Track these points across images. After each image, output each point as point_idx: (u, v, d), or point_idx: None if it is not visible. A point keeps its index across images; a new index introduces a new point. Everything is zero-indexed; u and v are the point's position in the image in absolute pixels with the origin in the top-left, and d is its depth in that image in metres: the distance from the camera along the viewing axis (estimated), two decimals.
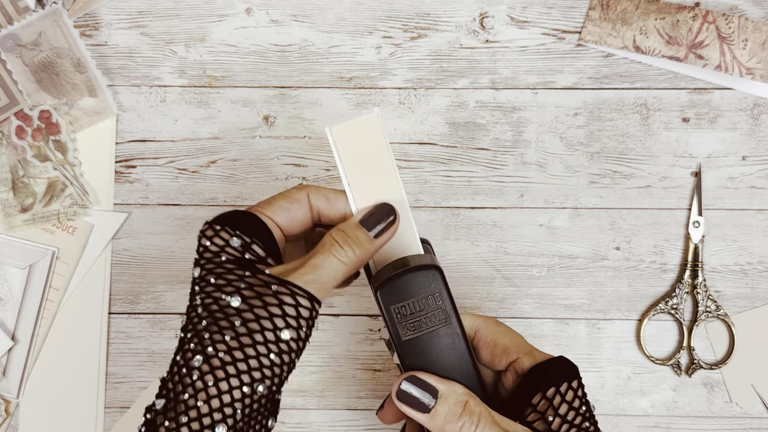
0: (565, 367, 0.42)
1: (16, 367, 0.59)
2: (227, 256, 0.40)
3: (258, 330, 0.38)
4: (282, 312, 0.38)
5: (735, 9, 0.59)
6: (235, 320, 0.38)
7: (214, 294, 0.39)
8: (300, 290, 0.39)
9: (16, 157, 0.59)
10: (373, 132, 0.43)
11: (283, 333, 0.38)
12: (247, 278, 0.39)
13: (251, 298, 0.38)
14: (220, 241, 0.41)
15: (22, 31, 0.58)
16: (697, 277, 0.59)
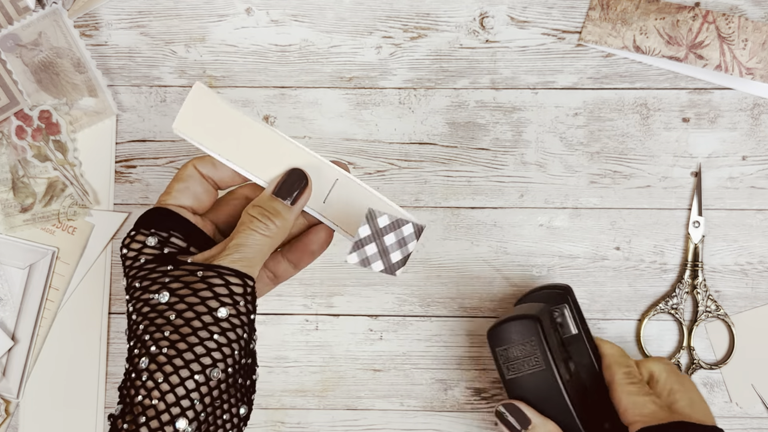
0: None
1: (16, 367, 0.59)
2: (146, 257, 0.40)
3: (194, 317, 0.38)
4: (213, 293, 0.38)
5: (735, 9, 0.59)
6: (170, 314, 0.38)
7: (143, 297, 0.39)
8: (226, 269, 0.39)
9: (16, 157, 0.59)
10: (211, 102, 0.42)
11: (220, 311, 0.38)
12: (171, 272, 0.39)
13: (179, 290, 0.38)
14: (136, 245, 0.41)
15: (22, 31, 0.58)
16: (697, 277, 0.59)
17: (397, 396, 0.60)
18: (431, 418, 0.60)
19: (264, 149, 0.42)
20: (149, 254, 0.41)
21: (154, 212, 0.42)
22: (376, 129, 0.60)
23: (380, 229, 0.42)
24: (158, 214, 0.42)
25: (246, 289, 0.39)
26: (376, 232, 0.42)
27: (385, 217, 0.42)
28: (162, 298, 0.38)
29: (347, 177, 0.43)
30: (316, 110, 0.60)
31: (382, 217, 0.42)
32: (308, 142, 0.60)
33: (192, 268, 0.39)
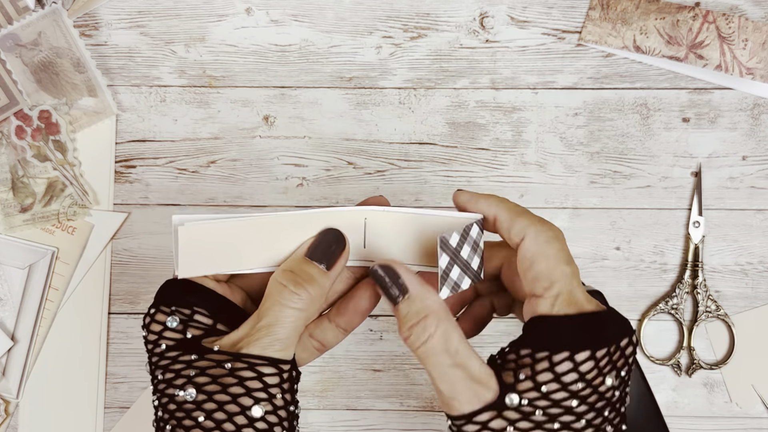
0: (587, 329, 0.34)
1: (16, 367, 0.59)
2: (166, 343, 0.36)
3: (225, 419, 0.34)
4: (245, 389, 0.34)
5: (735, 9, 0.59)
6: (198, 415, 0.34)
7: (168, 391, 0.35)
8: (257, 359, 0.34)
9: (15, 157, 0.59)
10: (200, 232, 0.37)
11: (254, 410, 0.34)
12: (195, 363, 0.35)
13: (206, 385, 0.34)
14: (156, 327, 0.36)
15: (22, 30, 0.58)
16: (697, 277, 0.59)
17: (397, 396, 0.60)
18: (431, 418, 0.60)
19: (277, 236, 0.37)
20: (171, 339, 0.36)
21: (173, 285, 0.37)
22: (376, 129, 0.60)
23: (455, 249, 0.37)
24: (178, 287, 0.37)
25: (282, 376, 0.35)
26: (453, 253, 0.37)
27: (454, 234, 0.37)
28: (188, 396, 0.34)
29: (374, 211, 0.38)
30: (316, 110, 0.60)
31: (452, 236, 0.37)
32: (308, 141, 0.60)
33: (219, 359, 0.34)
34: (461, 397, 0.34)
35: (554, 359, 0.34)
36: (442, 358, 0.34)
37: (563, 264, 0.36)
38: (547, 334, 0.34)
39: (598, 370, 0.34)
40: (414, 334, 0.35)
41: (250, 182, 0.60)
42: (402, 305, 0.36)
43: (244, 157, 0.60)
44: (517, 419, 0.34)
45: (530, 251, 0.36)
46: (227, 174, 0.60)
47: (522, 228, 0.37)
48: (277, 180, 0.60)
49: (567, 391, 0.34)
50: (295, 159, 0.60)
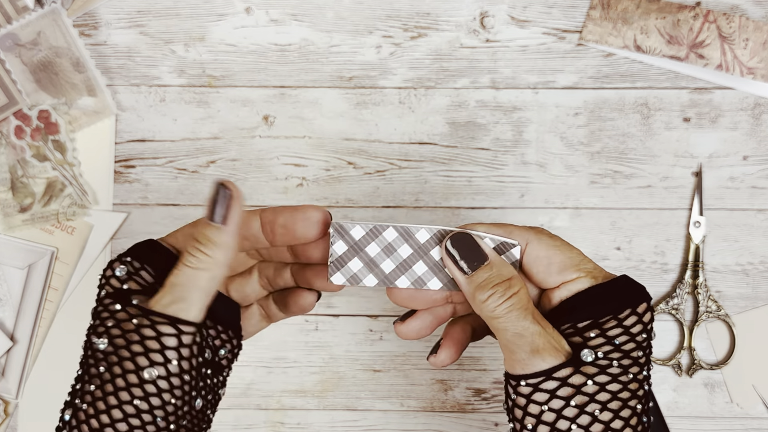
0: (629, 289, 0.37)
1: (16, 368, 0.59)
2: (107, 289, 0.36)
3: (120, 374, 0.34)
4: (143, 348, 0.34)
5: (736, 8, 0.58)
6: (101, 365, 0.34)
7: (91, 337, 0.36)
8: (160, 317, 0.34)
9: (15, 156, 0.59)
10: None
11: (147, 372, 0.34)
12: (117, 314, 0.35)
13: (117, 337, 0.35)
14: (108, 272, 0.37)
15: (21, 30, 0.58)
16: (698, 278, 0.58)
17: (397, 396, 0.60)
18: (431, 418, 0.60)
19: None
20: (111, 287, 0.36)
21: (144, 242, 0.38)
22: (376, 129, 0.60)
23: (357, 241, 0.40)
24: (147, 245, 0.38)
25: (180, 340, 0.35)
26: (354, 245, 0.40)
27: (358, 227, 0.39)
28: (101, 345, 0.35)
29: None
30: (316, 110, 0.60)
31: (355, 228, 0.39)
32: (308, 141, 0.60)
33: (133, 312, 0.35)
34: (543, 352, 0.36)
35: (620, 316, 0.36)
36: (525, 313, 0.36)
37: (572, 250, 0.39)
38: (604, 300, 0.37)
39: (651, 321, 0.37)
40: (498, 292, 0.36)
41: (250, 182, 0.60)
42: (481, 272, 0.37)
43: (244, 157, 0.60)
44: (595, 373, 0.36)
45: (542, 251, 0.39)
46: (227, 174, 0.60)
47: (520, 237, 0.39)
48: (277, 180, 0.60)
49: (635, 342, 0.36)
50: (294, 159, 0.60)
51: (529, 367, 0.36)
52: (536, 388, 0.36)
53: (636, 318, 0.37)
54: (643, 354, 0.37)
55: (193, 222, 0.40)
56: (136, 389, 0.34)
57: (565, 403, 0.35)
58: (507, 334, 0.36)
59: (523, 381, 0.36)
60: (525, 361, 0.36)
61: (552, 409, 0.35)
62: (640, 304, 0.37)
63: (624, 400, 0.36)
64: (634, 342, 0.37)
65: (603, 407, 0.35)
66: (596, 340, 0.36)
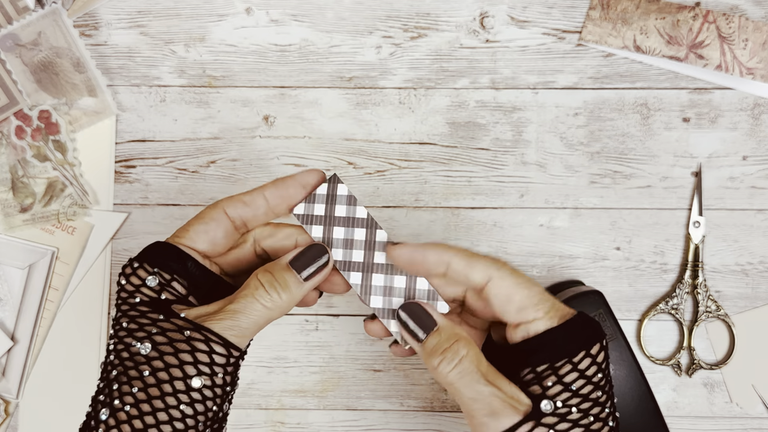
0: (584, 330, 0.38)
1: (16, 368, 0.59)
2: (141, 297, 0.38)
3: (167, 380, 0.36)
4: (194, 359, 0.36)
5: (735, 9, 0.59)
6: (144, 369, 0.36)
7: (126, 339, 0.37)
8: (215, 336, 0.37)
9: (15, 157, 0.59)
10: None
11: (194, 381, 0.36)
12: (161, 322, 0.37)
13: (162, 344, 0.36)
14: (136, 281, 0.38)
15: (22, 30, 0.58)
16: (698, 277, 0.58)
17: (397, 396, 0.60)
18: (431, 418, 0.60)
19: None
20: (146, 295, 0.38)
21: (163, 248, 0.39)
22: (376, 129, 0.60)
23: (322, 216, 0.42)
24: (167, 251, 0.39)
25: (229, 360, 0.37)
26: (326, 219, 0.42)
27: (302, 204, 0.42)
28: (143, 349, 0.36)
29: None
30: (316, 110, 0.60)
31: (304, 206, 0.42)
32: (308, 141, 0.60)
33: (182, 325, 0.37)
34: (500, 413, 0.36)
35: (574, 360, 0.37)
36: (476, 376, 0.37)
37: (533, 286, 0.39)
38: (559, 343, 0.37)
39: (606, 359, 0.38)
40: (447, 358, 0.37)
41: (250, 182, 0.60)
42: (431, 338, 0.39)
43: (244, 157, 0.60)
44: (555, 422, 0.36)
45: (502, 288, 0.39)
46: (227, 174, 0.60)
47: (481, 273, 0.39)
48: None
49: (592, 383, 0.37)
50: (295, 159, 0.60)
51: (491, 429, 0.36)
52: None
53: (590, 360, 0.37)
54: (603, 392, 0.37)
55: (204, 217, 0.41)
56: (183, 395, 0.36)
57: None
58: (464, 399, 0.37)
59: None
60: (486, 425, 0.36)
61: None
62: (594, 345, 0.37)
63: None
64: (591, 384, 0.37)
65: None
66: (554, 388, 0.37)
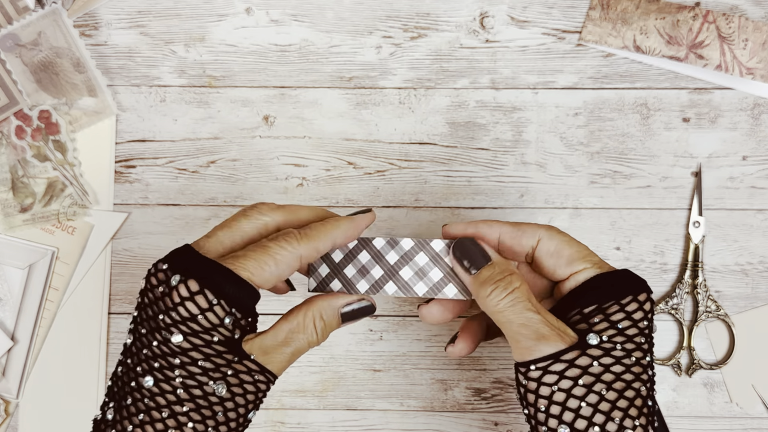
0: (630, 280, 0.40)
1: (16, 367, 0.59)
2: (219, 337, 0.38)
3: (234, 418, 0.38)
4: (255, 399, 0.39)
5: (735, 9, 0.59)
6: (217, 409, 0.37)
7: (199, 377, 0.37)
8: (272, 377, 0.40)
9: (15, 157, 0.59)
10: None
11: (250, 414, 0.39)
12: (235, 364, 0.38)
13: (234, 386, 0.38)
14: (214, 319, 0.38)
15: (22, 30, 0.58)
16: (698, 277, 0.59)
17: (397, 396, 0.60)
18: (431, 418, 0.60)
19: None
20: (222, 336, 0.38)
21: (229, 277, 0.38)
22: (376, 129, 0.60)
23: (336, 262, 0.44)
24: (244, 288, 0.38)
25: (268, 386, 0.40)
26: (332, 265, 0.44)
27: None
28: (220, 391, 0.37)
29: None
30: (316, 110, 0.60)
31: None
32: (308, 141, 0.60)
33: (252, 368, 0.39)
34: (548, 338, 0.38)
35: (622, 301, 0.39)
36: (527, 305, 0.39)
37: (581, 244, 0.42)
38: (608, 287, 0.40)
39: (652, 311, 0.40)
40: (500, 287, 0.39)
41: (250, 182, 0.60)
42: (485, 270, 0.41)
43: (244, 157, 0.60)
44: (600, 355, 0.38)
45: (552, 245, 0.42)
46: (227, 174, 0.60)
47: (531, 235, 0.42)
48: (277, 180, 0.60)
49: (636, 327, 0.39)
50: (295, 159, 0.60)
51: (537, 353, 0.38)
52: (545, 371, 0.38)
53: (637, 305, 0.39)
54: (645, 341, 0.39)
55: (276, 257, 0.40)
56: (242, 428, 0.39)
57: (574, 383, 0.37)
58: (513, 326, 0.39)
59: (533, 365, 0.38)
60: (532, 348, 0.38)
61: (561, 389, 0.37)
62: (641, 293, 0.40)
63: (628, 382, 0.38)
64: (636, 327, 0.39)
65: (608, 387, 0.37)
66: (600, 325, 0.39)
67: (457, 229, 0.43)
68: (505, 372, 0.60)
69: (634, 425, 0.37)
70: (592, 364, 0.38)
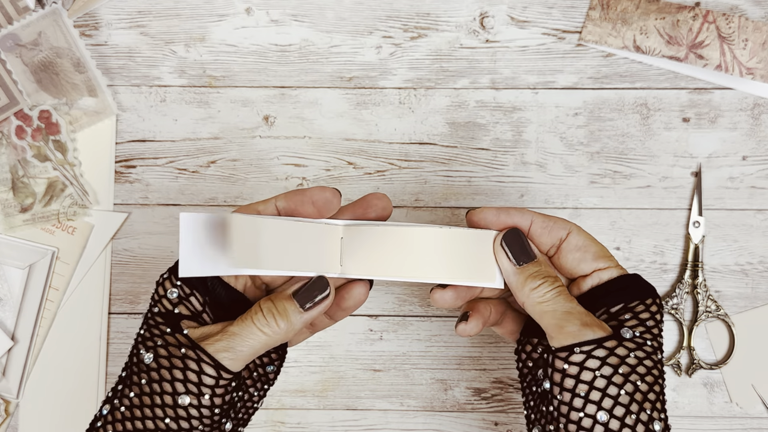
0: (644, 286, 0.43)
1: (16, 367, 0.59)
2: (160, 308, 0.40)
3: (158, 392, 0.38)
4: (183, 377, 0.38)
5: (735, 9, 0.59)
6: (143, 377, 0.38)
7: (139, 344, 0.40)
8: (207, 357, 0.38)
9: (15, 157, 0.59)
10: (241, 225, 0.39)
11: (182, 398, 0.38)
12: (167, 336, 0.39)
13: (162, 357, 0.39)
14: (161, 291, 0.41)
15: (22, 30, 0.58)
16: (698, 277, 0.59)
17: (397, 396, 0.60)
18: (431, 418, 0.60)
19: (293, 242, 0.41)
20: (164, 307, 0.40)
21: None
22: (376, 129, 0.60)
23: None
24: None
25: (218, 382, 0.38)
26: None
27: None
28: (146, 359, 0.39)
29: (351, 226, 0.42)
30: (316, 110, 0.60)
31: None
32: (308, 141, 0.60)
33: (182, 342, 0.39)
34: (593, 326, 0.39)
35: (647, 302, 0.42)
36: (571, 298, 0.41)
37: (601, 244, 0.44)
38: (634, 288, 0.42)
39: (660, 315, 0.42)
40: (548, 282, 0.41)
41: (250, 182, 0.60)
42: (532, 265, 0.42)
43: (244, 157, 0.60)
44: (635, 348, 0.39)
45: (581, 240, 0.43)
46: (227, 174, 0.60)
47: (562, 228, 0.43)
48: (277, 180, 0.60)
49: (658, 327, 0.41)
50: (295, 159, 0.60)
51: (581, 337, 0.39)
52: (589, 355, 0.39)
53: (656, 308, 0.42)
54: (661, 342, 0.42)
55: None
56: (169, 410, 0.38)
57: (614, 370, 0.38)
58: (557, 314, 0.40)
59: (577, 348, 0.39)
60: (576, 333, 0.39)
61: (603, 376, 0.38)
62: (657, 297, 0.42)
63: (655, 377, 0.39)
64: (658, 328, 0.41)
65: (642, 379, 0.39)
66: (630, 322, 0.41)
67: (488, 214, 0.43)
68: (505, 372, 0.60)
69: (660, 417, 0.39)
70: (629, 355, 0.39)
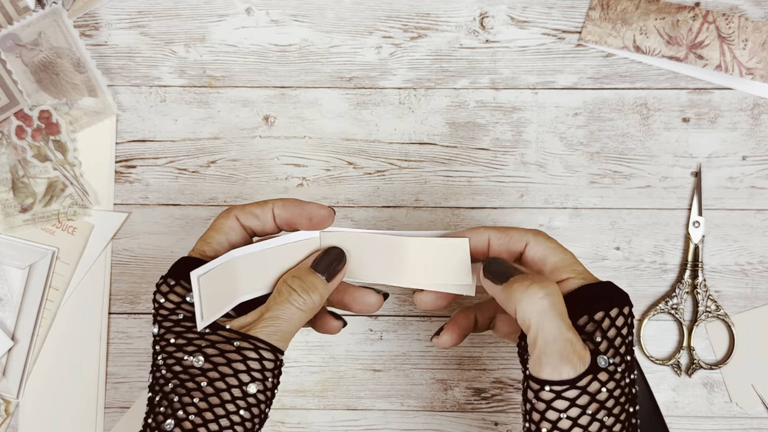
0: (615, 292, 0.40)
1: (16, 367, 0.59)
2: (185, 314, 0.41)
3: (224, 388, 0.39)
4: (246, 367, 0.39)
5: (735, 9, 0.59)
6: (201, 381, 0.39)
7: (176, 354, 0.40)
8: (263, 343, 0.40)
9: (16, 157, 0.59)
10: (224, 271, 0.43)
11: (250, 387, 0.39)
12: (208, 336, 0.40)
13: (214, 356, 0.39)
14: (175, 298, 0.41)
15: (22, 31, 0.58)
16: (697, 277, 0.59)
17: (397, 396, 0.60)
18: (431, 418, 0.60)
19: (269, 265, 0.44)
20: (188, 311, 0.41)
21: (194, 263, 0.42)
22: (376, 129, 0.60)
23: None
24: (198, 266, 0.41)
25: (276, 363, 0.40)
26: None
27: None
28: (196, 363, 0.39)
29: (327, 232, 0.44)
30: (316, 110, 0.60)
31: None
32: (308, 141, 0.60)
33: (229, 336, 0.40)
34: (572, 360, 0.38)
35: (611, 313, 0.39)
36: (562, 317, 0.38)
37: (567, 251, 0.42)
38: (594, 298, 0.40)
39: (632, 323, 0.40)
40: (537, 283, 0.39)
41: (250, 182, 0.60)
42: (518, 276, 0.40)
43: (244, 157, 0.60)
44: (606, 380, 0.38)
45: (538, 251, 0.42)
46: (227, 174, 0.60)
47: (519, 238, 0.42)
48: (277, 180, 0.60)
49: (625, 345, 0.39)
50: (295, 159, 0.60)
51: (557, 374, 0.38)
52: (558, 395, 0.38)
53: (623, 319, 0.39)
54: (631, 357, 0.40)
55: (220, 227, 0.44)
56: (241, 401, 0.39)
57: (582, 411, 0.37)
58: (547, 339, 0.38)
59: (548, 387, 0.38)
60: (554, 367, 0.38)
61: (570, 417, 0.37)
62: (625, 306, 0.40)
63: (622, 404, 0.38)
64: (625, 345, 0.39)
65: (609, 413, 0.38)
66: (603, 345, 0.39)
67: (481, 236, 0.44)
68: (505, 372, 0.60)
69: None
70: (600, 390, 0.38)
